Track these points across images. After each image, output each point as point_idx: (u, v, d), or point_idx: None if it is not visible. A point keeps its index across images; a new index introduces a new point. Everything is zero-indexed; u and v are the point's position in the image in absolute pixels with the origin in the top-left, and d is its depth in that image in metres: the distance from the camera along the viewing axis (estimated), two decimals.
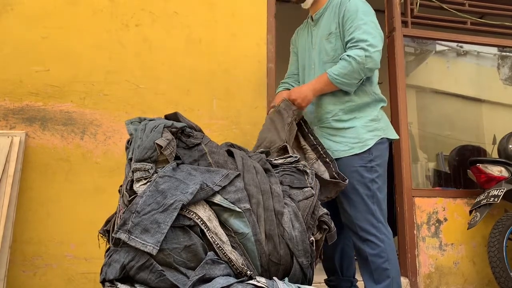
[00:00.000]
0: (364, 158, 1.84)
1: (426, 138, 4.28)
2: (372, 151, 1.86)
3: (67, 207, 2.41)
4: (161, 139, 1.34)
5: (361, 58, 1.76)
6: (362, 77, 1.82)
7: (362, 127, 1.87)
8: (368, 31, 1.80)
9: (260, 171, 1.46)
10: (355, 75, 1.79)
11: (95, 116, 2.55)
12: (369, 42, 1.77)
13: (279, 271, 1.35)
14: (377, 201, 1.84)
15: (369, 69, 1.80)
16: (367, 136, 1.87)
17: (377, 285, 1.78)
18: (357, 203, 1.83)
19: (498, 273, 2.64)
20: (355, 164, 1.85)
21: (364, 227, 1.81)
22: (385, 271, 1.78)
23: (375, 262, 1.79)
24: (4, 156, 2.27)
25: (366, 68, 1.78)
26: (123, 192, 1.35)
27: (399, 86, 3.14)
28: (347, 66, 1.78)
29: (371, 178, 1.83)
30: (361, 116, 1.90)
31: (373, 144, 1.86)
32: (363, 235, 1.81)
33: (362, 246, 1.81)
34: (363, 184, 1.83)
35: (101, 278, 1.28)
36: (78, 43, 2.60)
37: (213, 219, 1.28)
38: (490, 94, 4.39)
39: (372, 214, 1.82)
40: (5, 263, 2.15)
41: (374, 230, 1.80)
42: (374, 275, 1.79)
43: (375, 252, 1.79)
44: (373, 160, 1.85)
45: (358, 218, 1.82)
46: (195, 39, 2.76)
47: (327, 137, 1.93)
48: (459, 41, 3.68)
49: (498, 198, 2.76)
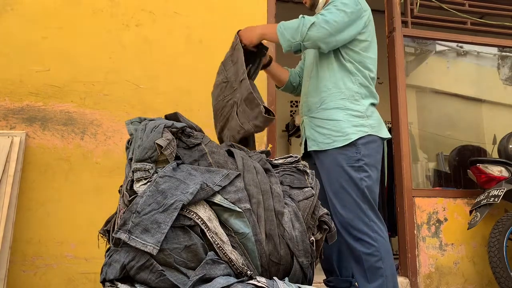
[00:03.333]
0: (351, 158, 1.83)
1: (426, 138, 4.28)
2: (359, 149, 1.84)
3: (67, 207, 2.41)
4: (162, 139, 1.34)
5: (309, 22, 1.75)
6: (298, 41, 1.78)
7: (346, 121, 1.86)
8: (332, 11, 1.79)
9: (260, 171, 1.46)
10: (295, 34, 1.77)
11: (95, 116, 2.55)
12: (326, 18, 1.77)
13: (279, 271, 1.35)
14: (368, 200, 1.82)
15: (309, 37, 1.76)
16: (350, 130, 1.84)
17: (370, 284, 1.78)
18: (348, 202, 1.82)
19: (498, 273, 2.64)
20: (341, 161, 1.83)
21: (356, 226, 1.80)
22: (378, 270, 1.77)
23: (368, 261, 1.78)
24: (4, 156, 2.27)
25: (307, 34, 1.75)
26: (123, 192, 1.35)
27: (399, 86, 3.14)
28: (295, 22, 1.78)
29: (360, 177, 1.82)
30: (346, 107, 1.88)
31: (360, 142, 1.84)
32: (356, 234, 1.80)
33: (355, 245, 1.80)
34: (351, 184, 1.82)
35: (101, 278, 1.28)
36: (78, 43, 2.60)
37: (214, 219, 1.28)
38: (490, 94, 4.39)
39: (363, 213, 1.81)
40: (5, 263, 2.15)
41: (366, 229, 1.80)
42: (367, 274, 1.79)
43: (368, 251, 1.78)
44: (361, 159, 1.83)
45: (350, 217, 1.81)
46: (195, 39, 2.76)
47: (314, 128, 1.93)
48: (459, 41, 3.69)
49: (498, 198, 2.76)
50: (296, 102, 5.62)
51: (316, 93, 1.96)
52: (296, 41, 1.78)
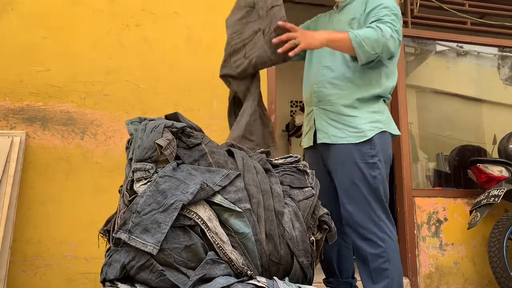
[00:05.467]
0: (366, 154, 1.78)
1: (426, 138, 4.28)
2: (374, 145, 1.79)
3: (67, 207, 2.41)
4: (162, 139, 1.34)
5: (387, 33, 1.67)
6: (378, 53, 1.69)
7: (363, 117, 1.81)
8: (396, 21, 1.74)
9: (260, 171, 1.46)
10: (375, 46, 1.67)
11: (95, 116, 2.55)
12: (397, 28, 1.72)
13: (280, 271, 1.35)
14: (379, 198, 1.78)
15: (388, 48, 1.69)
16: (366, 126, 1.80)
17: (375, 285, 1.74)
18: (358, 199, 1.77)
19: (498, 273, 2.64)
20: (355, 157, 1.78)
21: (364, 225, 1.75)
22: (385, 272, 1.74)
23: (375, 262, 1.74)
24: (5, 156, 2.27)
25: (386, 46, 1.68)
26: (123, 192, 1.35)
27: (399, 86, 3.14)
28: (373, 32, 1.68)
29: (373, 175, 1.77)
30: (364, 103, 1.83)
31: (375, 138, 1.79)
32: (363, 233, 1.76)
33: (362, 245, 1.76)
34: (364, 181, 1.77)
35: (101, 278, 1.28)
36: (78, 43, 2.60)
37: (214, 219, 1.28)
38: (490, 94, 4.40)
39: (373, 212, 1.76)
40: (5, 263, 2.15)
41: (375, 229, 1.75)
42: (373, 275, 1.75)
43: (375, 251, 1.74)
44: (376, 156, 1.79)
45: (359, 215, 1.76)
46: (195, 39, 2.76)
47: (326, 120, 1.86)
48: (459, 41, 3.69)
49: (498, 198, 2.76)
50: (297, 102, 5.61)
51: (331, 84, 1.86)
52: (376, 53, 1.69)
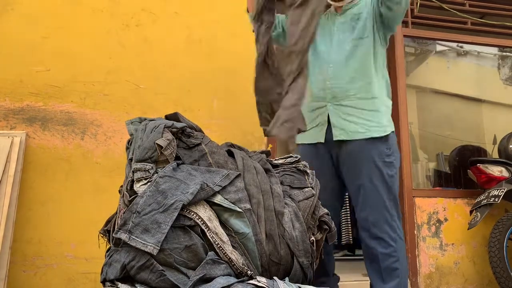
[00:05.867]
0: (383, 153, 1.78)
1: (426, 138, 4.28)
2: (390, 144, 1.79)
3: (67, 207, 2.41)
4: (162, 139, 1.34)
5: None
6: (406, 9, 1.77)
7: (384, 113, 1.80)
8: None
9: (260, 171, 1.46)
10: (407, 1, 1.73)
11: (96, 116, 2.55)
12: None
13: (280, 271, 1.35)
14: (394, 197, 1.78)
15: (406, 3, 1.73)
16: (386, 122, 1.80)
17: (385, 285, 1.74)
18: (374, 198, 1.76)
19: (498, 273, 2.64)
20: (373, 155, 1.77)
21: (378, 224, 1.75)
22: (395, 271, 1.74)
23: (385, 261, 1.74)
24: (5, 156, 2.27)
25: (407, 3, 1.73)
26: (123, 192, 1.35)
27: (399, 86, 3.13)
28: None
29: (390, 174, 1.78)
30: (383, 99, 1.82)
31: (390, 137, 1.80)
32: (376, 232, 1.75)
33: (373, 244, 1.76)
34: (381, 180, 1.77)
35: (101, 278, 1.28)
36: (78, 43, 2.60)
37: (214, 219, 1.28)
38: (490, 94, 4.40)
39: (387, 211, 1.76)
40: (5, 263, 2.15)
41: (388, 228, 1.75)
42: (383, 274, 1.75)
43: (386, 251, 1.74)
44: (392, 155, 1.79)
45: (373, 214, 1.76)
46: (195, 39, 2.76)
47: (342, 116, 1.83)
48: (459, 41, 3.69)
49: (498, 198, 2.76)
50: None
51: (347, 79, 1.83)
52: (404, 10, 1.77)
